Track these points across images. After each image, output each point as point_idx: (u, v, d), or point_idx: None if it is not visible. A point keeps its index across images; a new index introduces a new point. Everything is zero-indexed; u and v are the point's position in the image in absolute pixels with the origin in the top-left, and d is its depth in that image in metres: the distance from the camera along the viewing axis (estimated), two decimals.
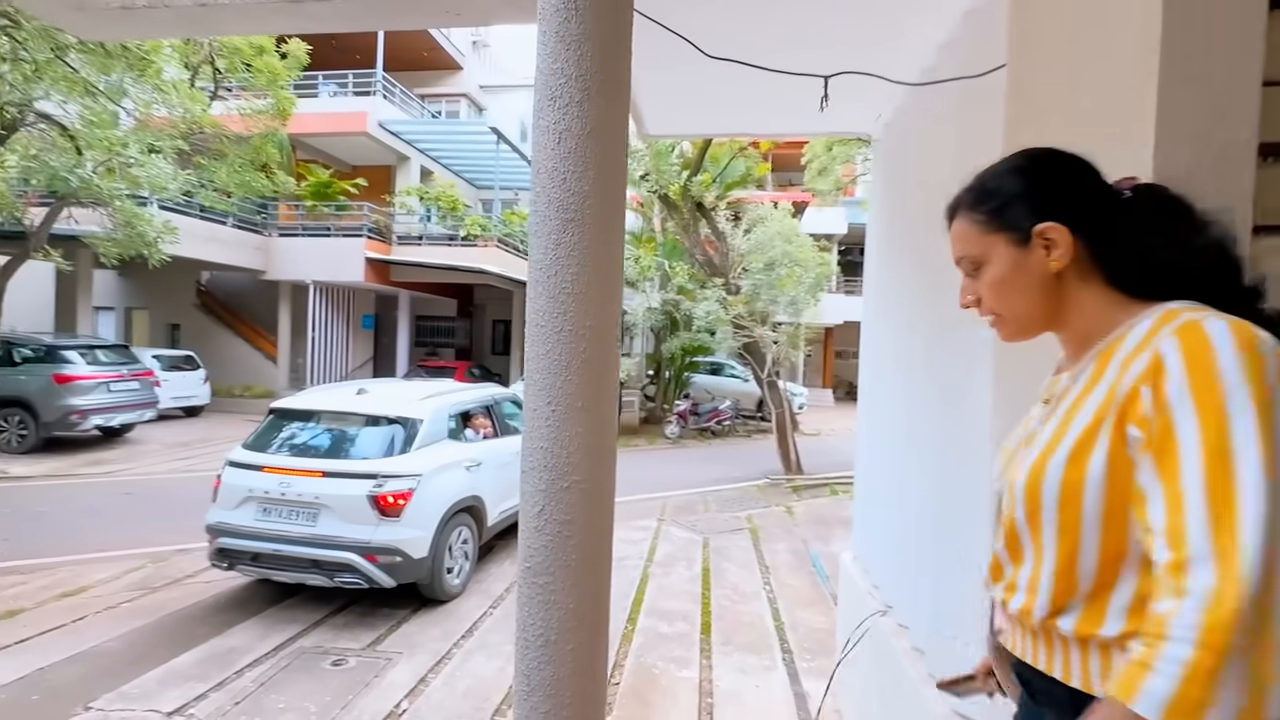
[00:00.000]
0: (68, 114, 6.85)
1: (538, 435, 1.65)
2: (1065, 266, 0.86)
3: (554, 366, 1.63)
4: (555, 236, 1.63)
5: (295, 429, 4.78)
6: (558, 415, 1.62)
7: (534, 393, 1.65)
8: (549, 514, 1.62)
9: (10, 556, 5.47)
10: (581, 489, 1.64)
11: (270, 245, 14.86)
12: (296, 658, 3.80)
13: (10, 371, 9.33)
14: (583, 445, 1.63)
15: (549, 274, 1.63)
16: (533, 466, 1.66)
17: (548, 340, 1.64)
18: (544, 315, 1.64)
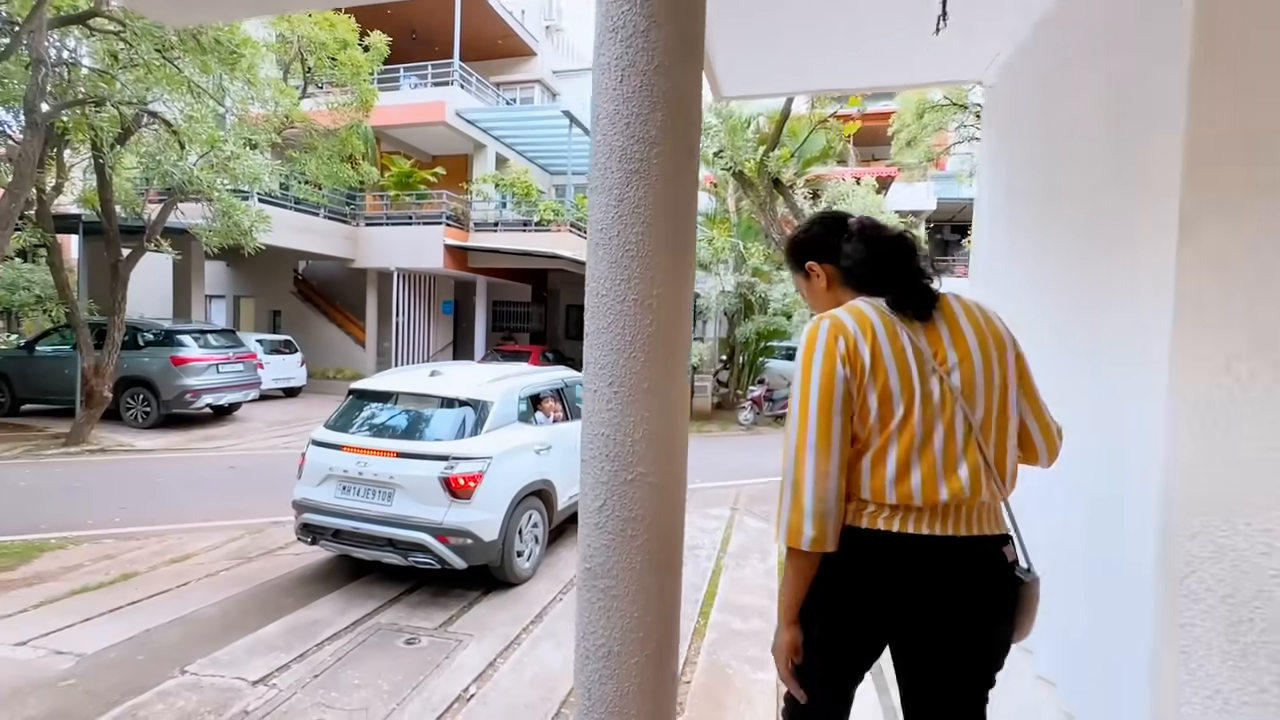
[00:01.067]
0: (170, 109, 7.32)
1: (598, 421, 1.45)
2: (829, 281, 1.43)
3: (616, 342, 1.42)
4: (617, 191, 1.41)
5: (373, 409, 4.88)
6: (621, 398, 1.42)
7: (594, 372, 1.45)
8: (611, 509, 1.42)
9: (130, 523, 5.97)
10: (648, 483, 1.43)
11: (358, 234, 15.58)
12: (373, 634, 3.87)
13: (135, 354, 10.24)
14: (649, 433, 1.42)
15: (610, 235, 1.42)
16: (593, 456, 1.46)
17: (609, 312, 1.44)
18: (604, 283, 1.43)
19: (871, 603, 1.25)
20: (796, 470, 1.25)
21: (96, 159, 8.27)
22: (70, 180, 9.59)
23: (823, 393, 1.22)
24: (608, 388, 1.42)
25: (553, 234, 14.92)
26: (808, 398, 1.24)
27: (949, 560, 1.23)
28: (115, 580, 4.57)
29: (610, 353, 1.42)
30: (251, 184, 8.47)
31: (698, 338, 14.52)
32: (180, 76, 6.90)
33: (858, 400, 1.23)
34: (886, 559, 1.23)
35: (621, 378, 1.41)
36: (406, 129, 16.27)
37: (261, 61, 8.56)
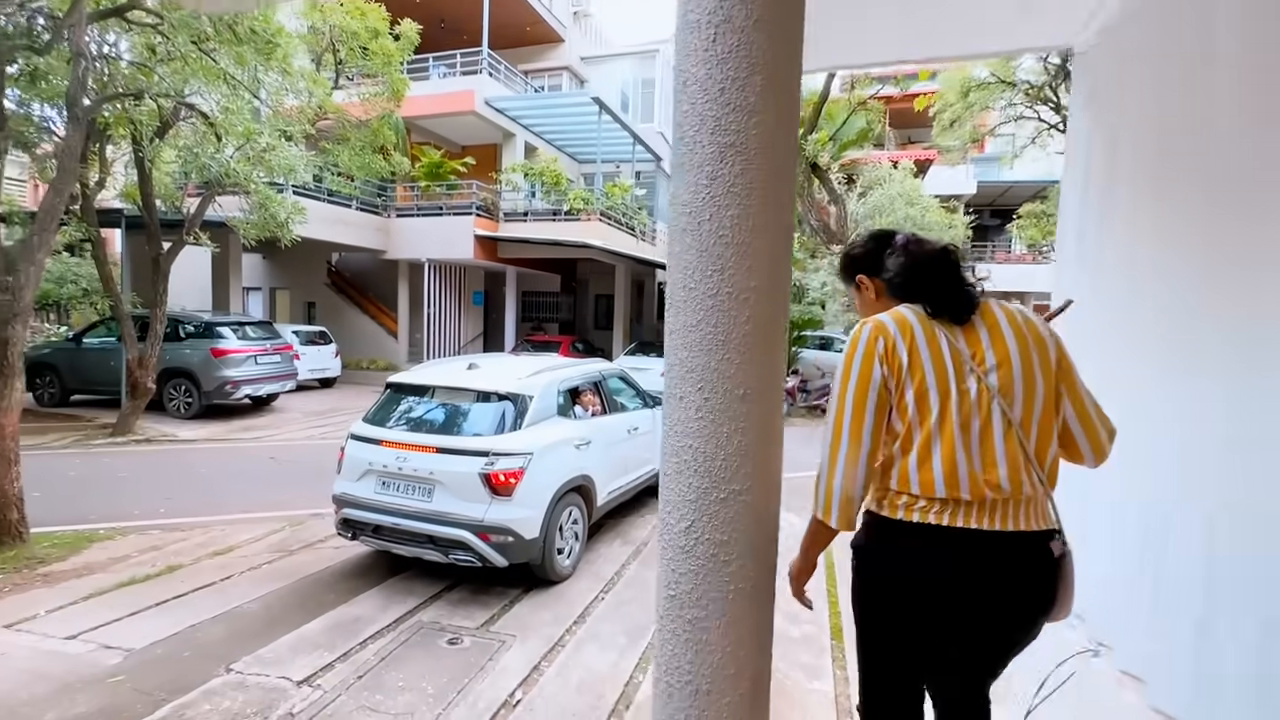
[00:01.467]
0: (207, 101, 7.34)
1: (684, 431, 1.27)
2: (878, 292, 1.53)
3: (706, 341, 1.25)
4: (709, 168, 1.23)
5: (410, 403, 4.81)
6: (712, 406, 1.24)
7: (679, 376, 1.27)
8: (700, 532, 1.26)
9: (175, 514, 6.03)
10: (743, 502, 1.26)
11: (389, 226, 15.66)
12: (415, 632, 3.80)
13: (177, 346, 10.43)
14: (745, 446, 1.25)
15: (700, 218, 1.24)
16: (678, 470, 1.29)
17: (698, 306, 1.26)
18: (693, 273, 1.26)
19: (914, 594, 1.32)
20: (830, 458, 1.35)
21: (137, 153, 8.37)
22: (112, 175, 9.75)
23: (859, 390, 1.32)
24: (696, 393, 1.24)
25: (582, 223, 14.77)
26: (845, 393, 1.33)
27: (992, 554, 1.29)
28: (161, 573, 4.59)
29: (700, 353, 1.24)
30: (286, 175, 8.48)
31: None
32: (217, 69, 6.89)
33: (895, 396, 1.32)
34: (928, 550, 1.30)
35: (713, 382, 1.23)
36: (436, 119, 16.24)
37: (295, 53, 8.54)
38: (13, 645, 3.54)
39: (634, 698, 3.23)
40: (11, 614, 3.91)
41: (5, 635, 3.65)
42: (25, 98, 8.34)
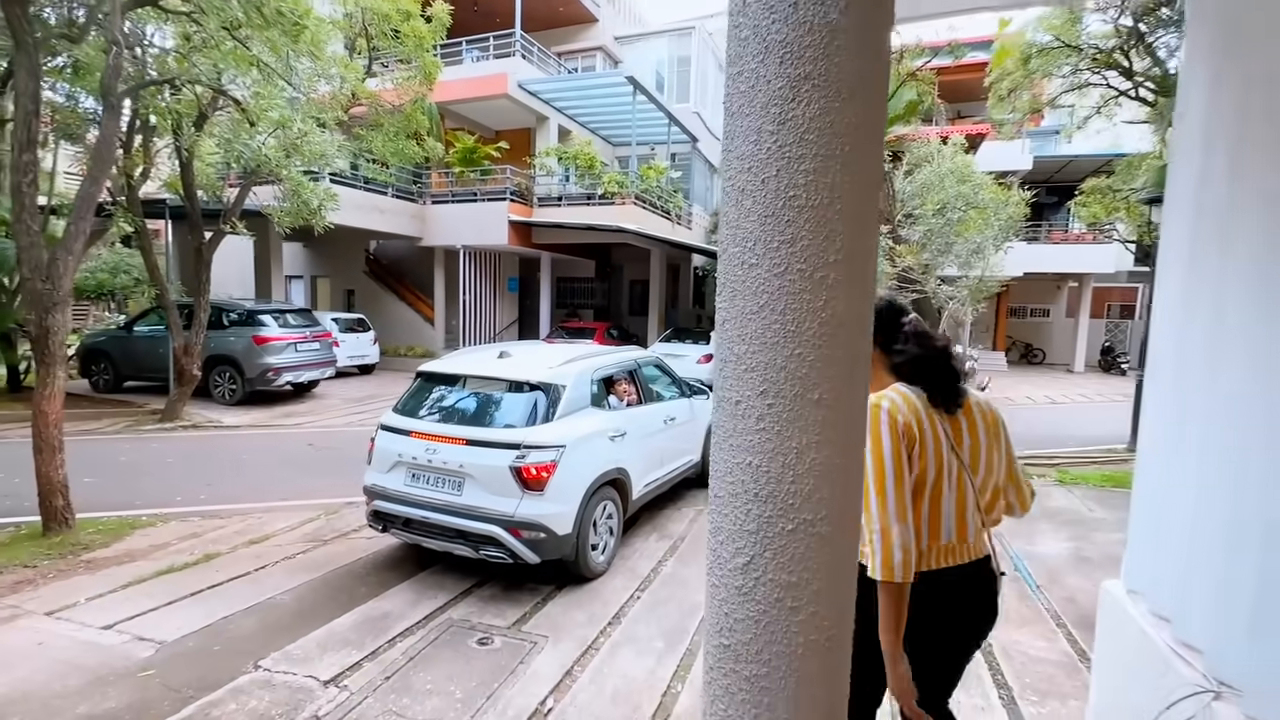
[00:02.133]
0: (240, 88, 7.33)
1: (742, 445, 1.02)
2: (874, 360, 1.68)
3: (771, 333, 0.99)
4: (778, 109, 0.98)
5: (441, 393, 4.67)
6: (778, 414, 0.98)
7: (735, 376, 1.02)
8: (762, 571, 1.01)
9: (215, 500, 6.10)
10: (817, 535, 1.00)
11: (425, 213, 15.68)
12: (445, 630, 3.68)
13: (221, 334, 10.64)
14: (820, 464, 0.99)
15: (763, 175, 0.98)
16: (733, 493, 1.04)
17: (760, 289, 1.00)
18: (753, 247, 1.00)
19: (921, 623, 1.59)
20: (884, 522, 1.51)
21: (177, 144, 8.45)
22: (157, 166, 9.92)
23: (894, 460, 1.55)
24: (758, 398, 0.99)
25: (617, 207, 14.50)
26: (883, 463, 1.54)
27: (959, 582, 1.67)
28: (198, 561, 4.60)
29: (763, 348, 0.98)
30: (319, 162, 8.46)
31: None
32: (249, 56, 6.84)
33: (913, 463, 1.59)
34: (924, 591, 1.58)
35: (780, 385, 0.97)
36: (469, 104, 16.13)
37: (328, 39, 8.47)
38: (52, 634, 3.55)
39: (672, 709, 3.03)
40: (54, 601, 3.94)
41: (46, 623, 3.67)
42: (72, 90, 8.52)
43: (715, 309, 1.10)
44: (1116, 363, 20.27)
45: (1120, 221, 17.61)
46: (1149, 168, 10.73)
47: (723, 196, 1.04)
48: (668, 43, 19.30)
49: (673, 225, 16.71)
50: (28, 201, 4.71)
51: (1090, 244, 19.68)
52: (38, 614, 3.77)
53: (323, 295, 18.36)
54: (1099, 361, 21.56)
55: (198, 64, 6.48)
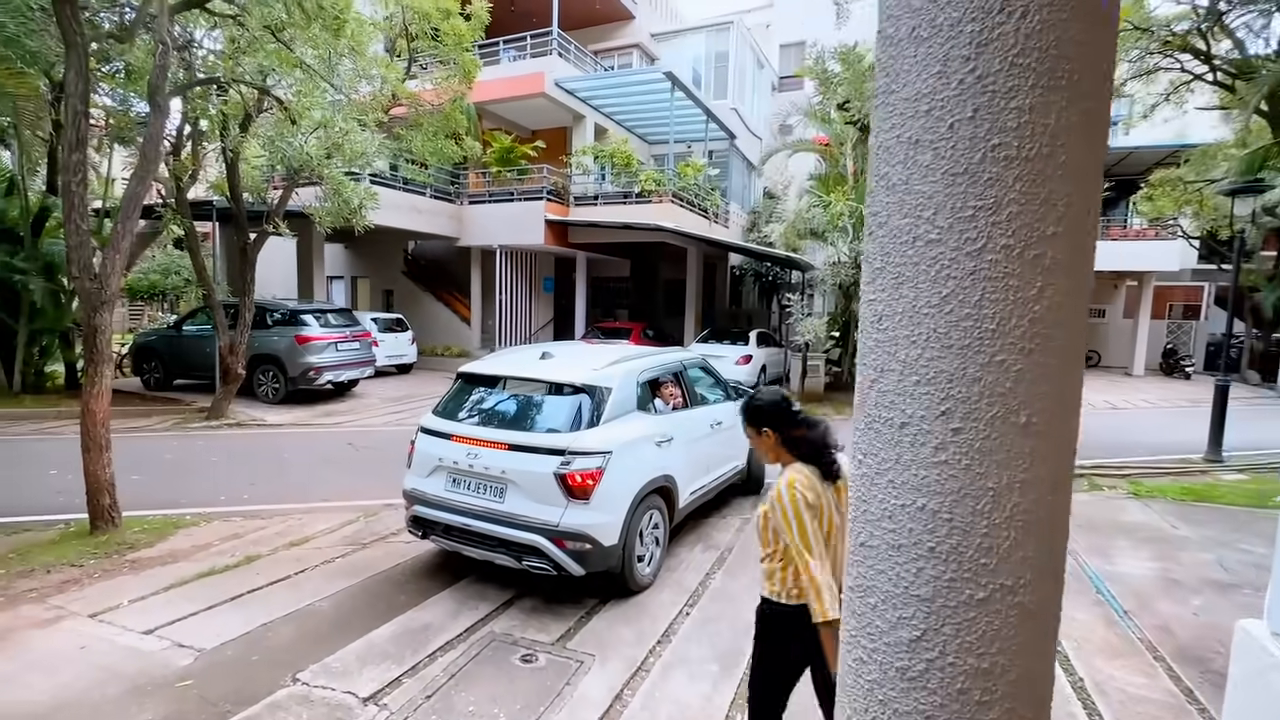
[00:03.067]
0: (283, 87, 7.35)
1: (906, 482, 0.77)
2: (776, 441, 2.14)
3: (961, 332, 0.74)
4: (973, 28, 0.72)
5: (481, 395, 4.51)
6: (968, 442, 0.74)
7: (895, 389, 0.78)
8: (939, 651, 0.76)
9: (258, 500, 6.08)
10: (1018, 607, 0.75)
11: (462, 213, 15.72)
12: (486, 645, 3.50)
13: (264, 333, 10.78)
14: (1023, 511, 0.74)
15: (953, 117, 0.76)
16: (895, 544, 0.80)
17: (945, 274, 0.76)
18: (935, 214, 0.75)
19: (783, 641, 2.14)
20: (816, 569, 1.96)
21: (223, 146, 8.56)
22: (205, 170, 10.10)
23: (812, 521, 2.01)
24: (936, 420, 0.74)
25: (654, 205, 14.27)
26: (803, 524, 2.00)
27: None
28: (239, 563, 4.54)
29: (944, 353, 0.73)
30: (360, 161, 8.46)
31: (808, 313, 13.44)
32: (292, 57, 6.84)
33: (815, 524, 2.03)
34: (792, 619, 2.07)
35: (971, 401, 0.72)
36: (506, 104, 16.11)
37: (368, 40, 8.46)
38: (94, 638, 3.50)
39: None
40: (97, 602, 3.91)
41: (89, 626, 3.63)
42: (124, 95, 8.71)
43: (862, 302, 0.85)
44: (1180, 366, 19.10)
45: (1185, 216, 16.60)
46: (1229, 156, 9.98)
47: (875, 153, 0.80)
48: (705, 38, 18.99)
49: (710, 224, 16.40)
50: (78, 201, 4.72)
51: (1152, 240, 18.61)
52: (81, 615, 3.73)
53: (362, 295, 18.61)
54: (1160, 365, 20.39)
55: (243, 64, 6.50)
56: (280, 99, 7.19)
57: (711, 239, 15.43)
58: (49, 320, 10.06)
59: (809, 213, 12.73)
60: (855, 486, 0.84)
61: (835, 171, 15.45)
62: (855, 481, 0.84)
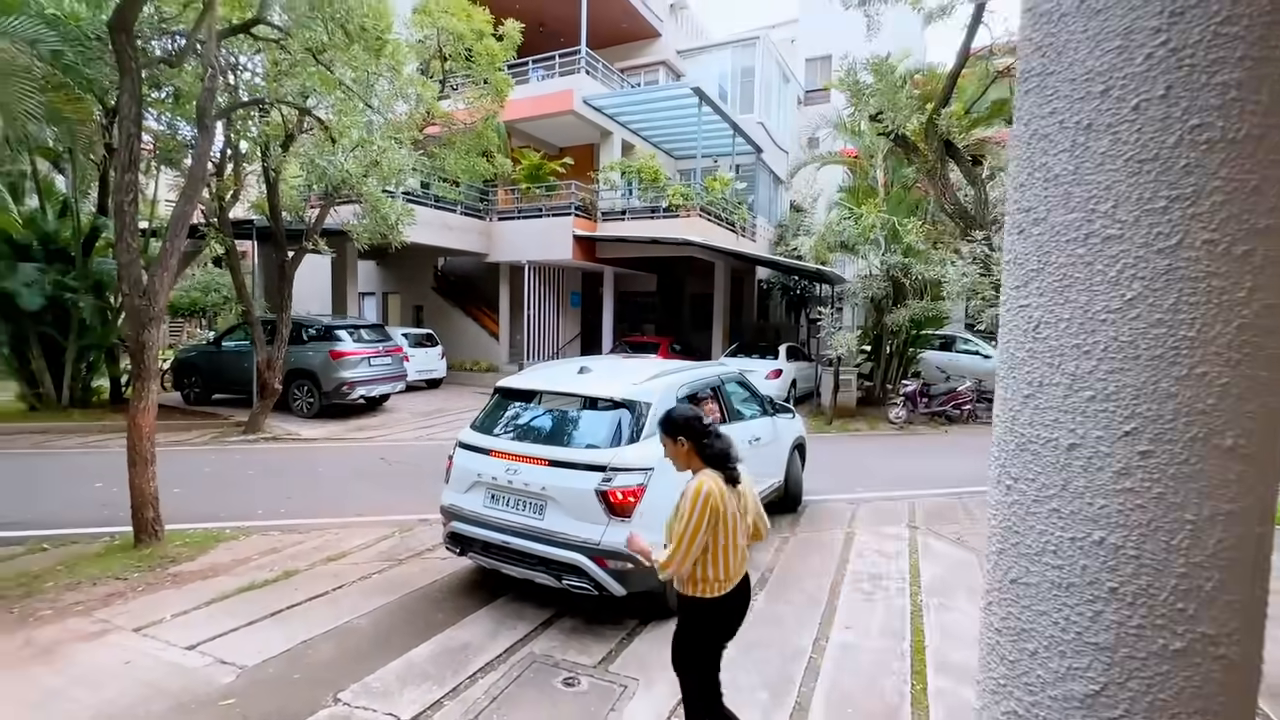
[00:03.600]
0: (323, 107, 7.53)
1: (1079, 512, 0.69)
2: (691, 450, 2.44)
3: (1150, 341, 0.64)
4: None
5: (519, 409, 4.47)
6: (1159, 466, 0.65)
7: (1061, 405, 0.68)
8: (1123, 710, 0.66)
9: (294, 514, 6.11)
10: (1222, 661, 0.64)
11: (491, 229, 15.91)
12: (527, 667, 3.42)
13: (300, 348, 10.97)
14: (1229, 548, 0.63)
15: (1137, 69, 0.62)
16: (1064, 583, 0.71)
17: (1128, 272, 0.66)
18: (1111, 201, 0.64)
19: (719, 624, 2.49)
20: (683, 555, 2.33)
21: (265, 165, 8.78)
22: (246, 189, 10.38)
23: (705, 523, 2.31)
24: (1117, 441, 0.65)
25: (682, 219, 14.26)
26: (695, 522, 2.30)
27: (741, 591, 2.50)
28: (278, 578, 4.54)
29: (1128, 365, 0.65)
30: (396, 178, 8.61)
31: (838, 326, 13.24)
32: (332, 78, 7.01)
33: (717, 527, 2.36)
34: (728, 601, 2.45)
35: (1164, 420, 0.63)
36: (535, 121, 16.34)
37: (405, 60, 8.65)
38: (139, 652, 3.50)
39: None
40: (141, 616, 3.92)
41: (133, 640, 3.64)
42: (173, 119, 9.01)
43: (1003, 302, 0.76)
44: None
45: None
46: None
47: (1026, 142, 0.71)
48: (731, 54, 19.07)
49: (737, 237, 16.34)
50: (128, 220, 4.85)
51: None
52: (126, 629, 3.75)
53: (394, 311, 18.90)
54: None
55: (285, 86, 6.67)
56: (320, 119, 7.37)
57: (739, 252, 15.35)
58: (96, 336, 10.37)
59: (839, 225, 12.58)
60: (1003, 515, 0.75)
61: (865, 183, 15.29)
62: (1003, 509, 0.75)
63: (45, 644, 3.56)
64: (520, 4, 15.12)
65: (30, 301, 9.24)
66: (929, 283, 12.41)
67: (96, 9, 6.53)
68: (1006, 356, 0.75)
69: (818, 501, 6.74)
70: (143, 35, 6.36)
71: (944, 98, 8.57)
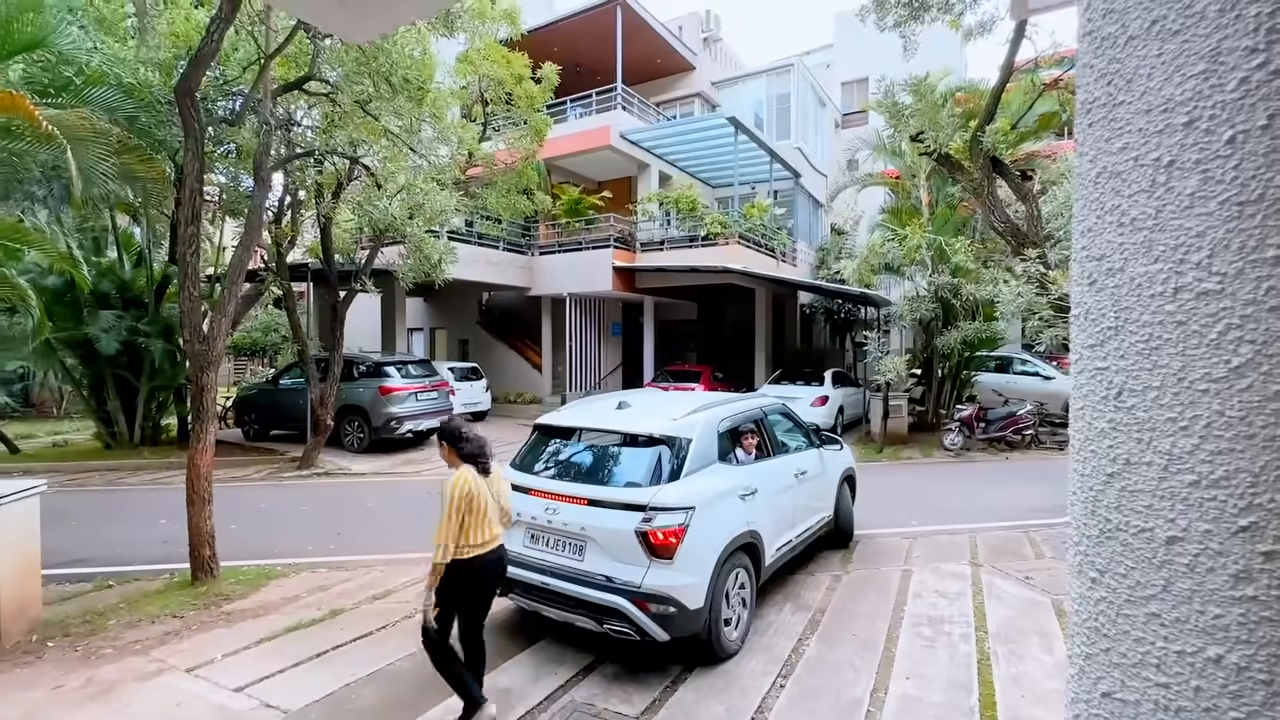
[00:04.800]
0: (371, 155, 7.89)
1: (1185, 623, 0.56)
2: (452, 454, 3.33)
3: (1269, 416, 0.50)
4: None
5: (558, 447, 4.44)
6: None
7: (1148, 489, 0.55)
8: None
9: (343, 551, 6.21)
10: None
11: (533, 264, 16.24)
12: (569, 717, 3.30)
13: (351, 385, 11.33)
14: None
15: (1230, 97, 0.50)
16: (1169, 704, 0.58)
17: (1232, 334, 0.56)
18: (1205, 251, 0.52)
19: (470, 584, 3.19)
20: (446, 536, 3.03)
21: (318, 212, 9.22)
22: (301, 234, 10.91)
23: (459, 502, 3.06)
24: (1233, 538, 0.57)
25: (720, 248, 14.23)
26: (454, 508, 3.04)
27: (495, 556, 3.24)
28: (325, 617, 4.58)
29: (1238, 443, 0.55)
30: (439, 219, 8.90)
31: (886, 350, 12.83)
32: (378, 127, 7.33)
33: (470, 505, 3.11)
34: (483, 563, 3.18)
35: None
36: (574, 158, 16.73)
37: (447, 106, 9.00)
38: (190, 694, 3.56)
39: None
40: (194, 655, 4.00)
41: (185, 681, 3.70)
42: (234, 172, 9.59)
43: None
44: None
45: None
46: None
47: (1092, 181, 0.62)
48: (766, 82, 19.18)
49: (778, 263, 16.18)
50: (191, 270, 5.11)
51: None
52: (179, 670, 3.82)
53: (440, 345, 19.39)
54: None
55: (335, 137, 7.01)
56: (368, 166, 7.71)
57: (780, 278, 15.18)
58: (166, 378, 10.97)
59: (883, 247, 12.30)
60: (1089, 613, 0.64)
61: (908, 204, 14.97)
62: (1088, 606, 0.64)
63: (105, 683, 3.66)
64: (558, 46, 15.64)
65: (108, 347, 9.86)
66: (980, 303, 11.95)
67: (167, 77, 7.04)
68: (1083, 425, 0.65)
69: (870, 536, 6.43)
70: (206, 98, 6.80)
71: (988, 114, 8.32)
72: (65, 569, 5.46)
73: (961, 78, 15.55)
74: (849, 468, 6.17)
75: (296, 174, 8.54)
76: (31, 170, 6.76)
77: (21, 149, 6.20)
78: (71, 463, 9.98)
